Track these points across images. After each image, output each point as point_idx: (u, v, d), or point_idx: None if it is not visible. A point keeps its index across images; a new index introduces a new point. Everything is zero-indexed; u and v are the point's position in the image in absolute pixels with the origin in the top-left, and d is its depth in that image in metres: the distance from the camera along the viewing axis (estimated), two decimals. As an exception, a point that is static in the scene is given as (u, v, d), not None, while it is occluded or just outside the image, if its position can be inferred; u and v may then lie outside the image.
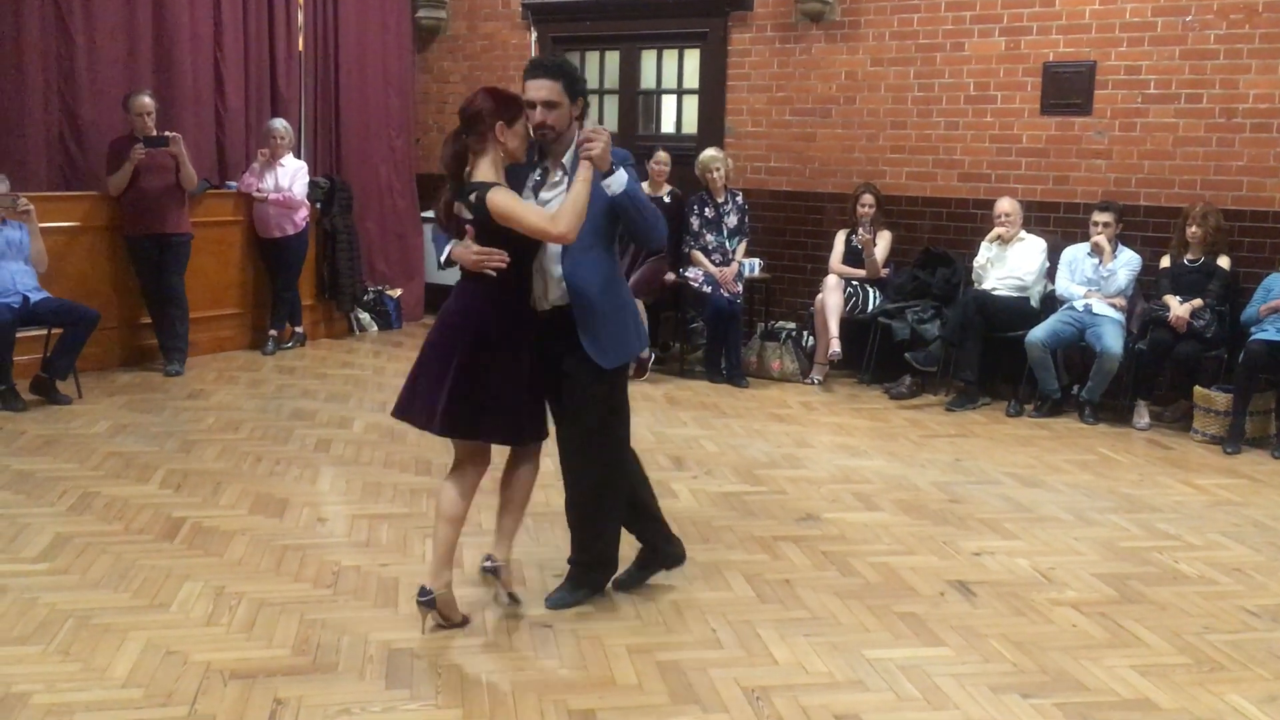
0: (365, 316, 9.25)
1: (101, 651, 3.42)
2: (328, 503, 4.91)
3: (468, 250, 3.44)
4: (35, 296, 6.43)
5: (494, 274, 3.42)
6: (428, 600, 3.59)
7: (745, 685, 3.33)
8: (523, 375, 3.56)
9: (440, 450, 5.75)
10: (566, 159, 3.60)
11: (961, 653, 3.60)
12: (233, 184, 8.19)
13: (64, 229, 7.05)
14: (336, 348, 8.59)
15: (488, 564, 3.80)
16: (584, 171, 3.43)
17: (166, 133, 7.17)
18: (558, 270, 3.57)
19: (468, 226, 3.44)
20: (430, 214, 9.92)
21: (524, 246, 3.46)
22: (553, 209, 3.49)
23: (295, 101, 8.85)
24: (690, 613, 3.84)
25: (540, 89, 3.54)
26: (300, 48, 8.93)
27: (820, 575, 4.23)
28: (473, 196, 3.41)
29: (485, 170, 3.45)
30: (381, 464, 5.52)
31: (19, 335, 6.35)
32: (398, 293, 9.59)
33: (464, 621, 3.67)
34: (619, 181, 3.50)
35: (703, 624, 3.76)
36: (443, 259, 3.56)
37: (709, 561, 4.33)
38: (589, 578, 3.94)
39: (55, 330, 6.53)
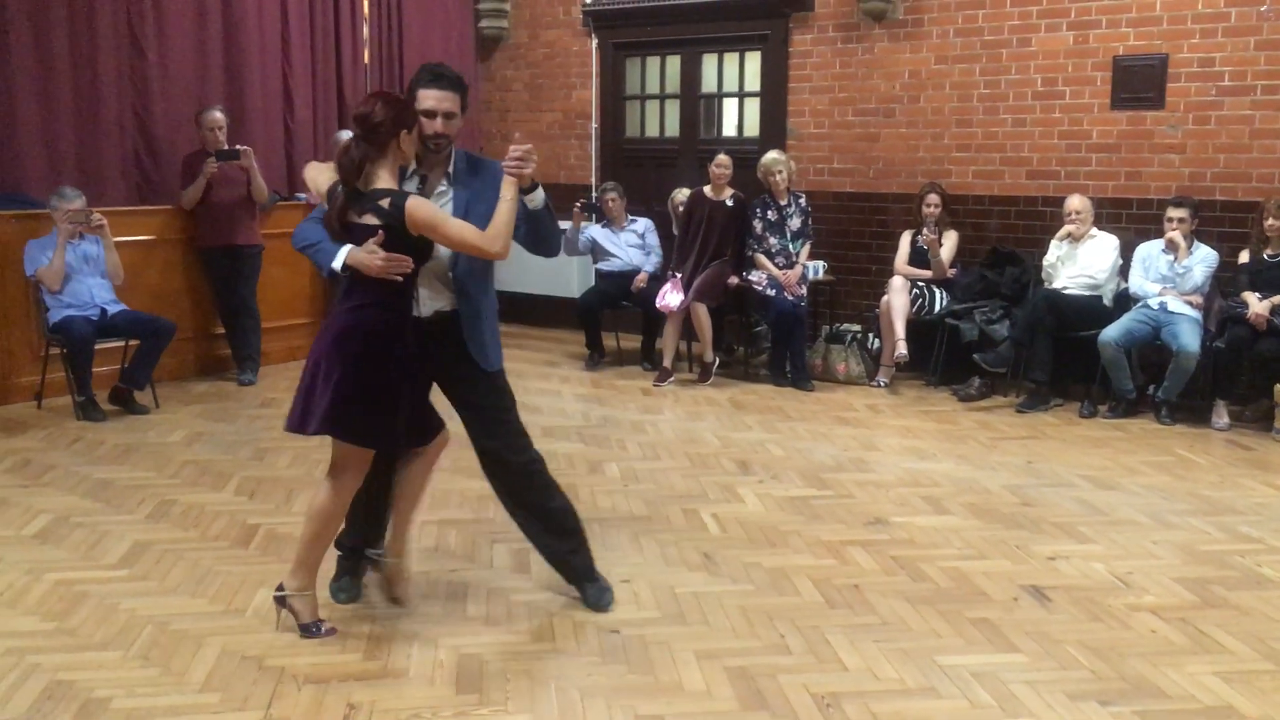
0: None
1: (179, 656, 3.50)
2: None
3: (373, 256, 3.37)
4: (113, 309, 6.59)
5: (400, 279, 3.43)
6: (279, 598, 3.64)
7: (815, 692, 3.30)
8: (408, 381, 3.58)
9: (507, 456, 5.79)
10: (452, 169, 3.66)
11: (1037, 659, 3.54)
12: (302, 196, 8.33)
13: (140, 243, 7.23)
14: (404, 355, 8.67)
15: (372, 552, 3.74)
16: (511, 190, 3.49)
17: (237, 146, 7.31)
18: (449, 276, 3.64)
19: (380, 232, 3.39)
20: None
21: (419, 255, 3.48)
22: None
23: (361, 113, 8.98)
24: (758, 618, 3.82)
25: (445, 100, 3.58)
26: (366, 60, 9.06)
27: (890, 580, 4.18)
28: (386, 203, 3.38)
29: (385, 178, 3.44)
30: (449, 470, 5.55)
31: (98, 347, 6.52)
32: (463, 300, 9.65)
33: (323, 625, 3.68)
34: (540, 197, 3.64)
35: (771, 629, 3.74)
36: (336, 265, 3.43)
37: (776, 566, 4.30)
38: (586, 557, 3.98)
39: (133, 342, 6.70)
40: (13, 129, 6.93)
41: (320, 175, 3.60)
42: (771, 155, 7.82)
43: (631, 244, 8.35)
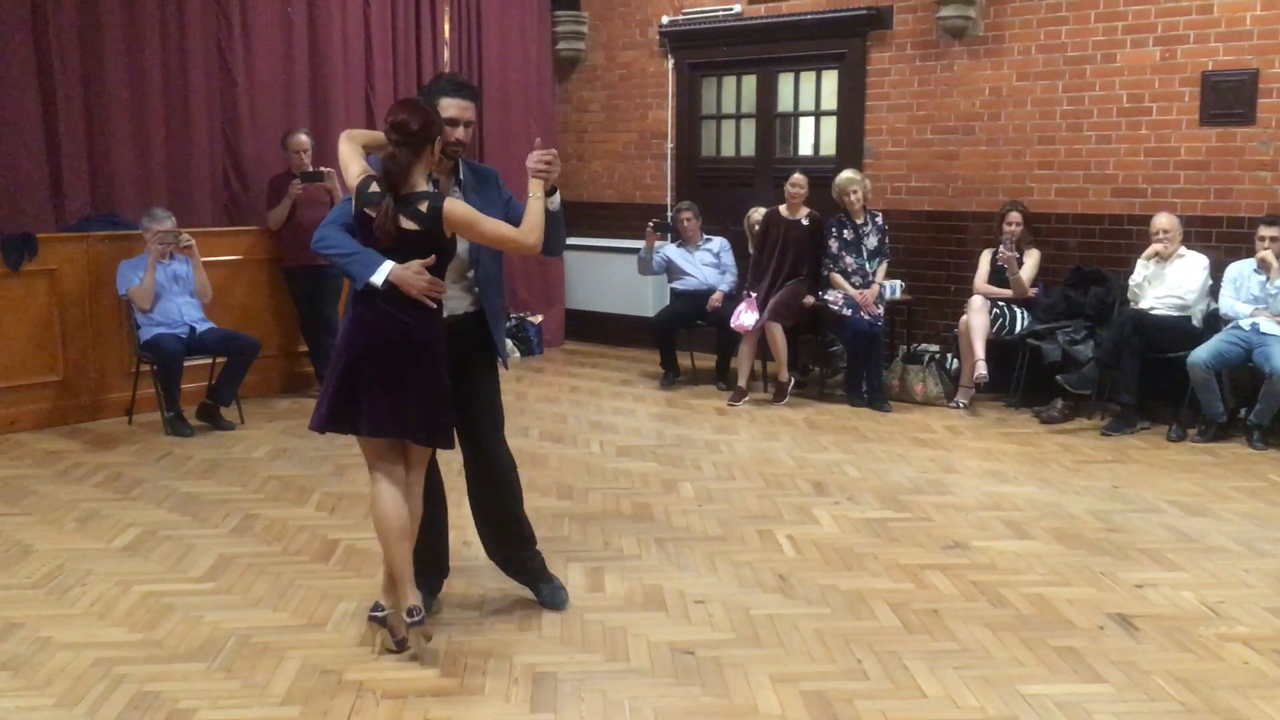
0: (507, 343, 9.43)
1: (261, 669, 3.56)
2: (472, 526, 4.96)
3: (420, 277, 3.49)
4: (201, 327, 6.76)
5: (434, 304, 3.53)
6: (379, 618, 3.66)
7: (893, 719, 3.25)
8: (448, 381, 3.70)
9: (582, 475, 5.82)
10: (461, 176, 3.78)
11: (1123, 690, 3.44)
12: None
13: (227, 262, 7.42)
14: (481, 374, 8.76)
15: (377, 614, 3.66)
16: (538, 189, 3.67)
17: (322, 168, 7.47)
18: (468, 278, 3.81)
19: (432, 255, 3.50)
20: (574, 241, 10.09)
21: (447, 256, 3.59)
22: None
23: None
24: (834, 642, 3.78)
25: (468, 110, 3.72)
26: (445, 83, 9.20)
27: (970, 606, 4.11)
28: (424, 206, 3.49)
29: (420, 182, 3.54)
30: (524, 488, 5.59)
31: (186, 364, 6.69)
32: (539, 319, 9.75)
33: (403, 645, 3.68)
34: (557, 200, 3.79)
35: (848, 654, 3.69)
36: (378, 281, 3.46)
37: (852, 589, 4.25)
38: (540, 559, 4.15)
39: (220, 359, 6.87)
40: (107, 152, 7.16)
41: (352, 164, 3.63)
42: (846, 174, 7.76)
43: (706, 263, 8.35)
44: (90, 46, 7.04)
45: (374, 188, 3.51)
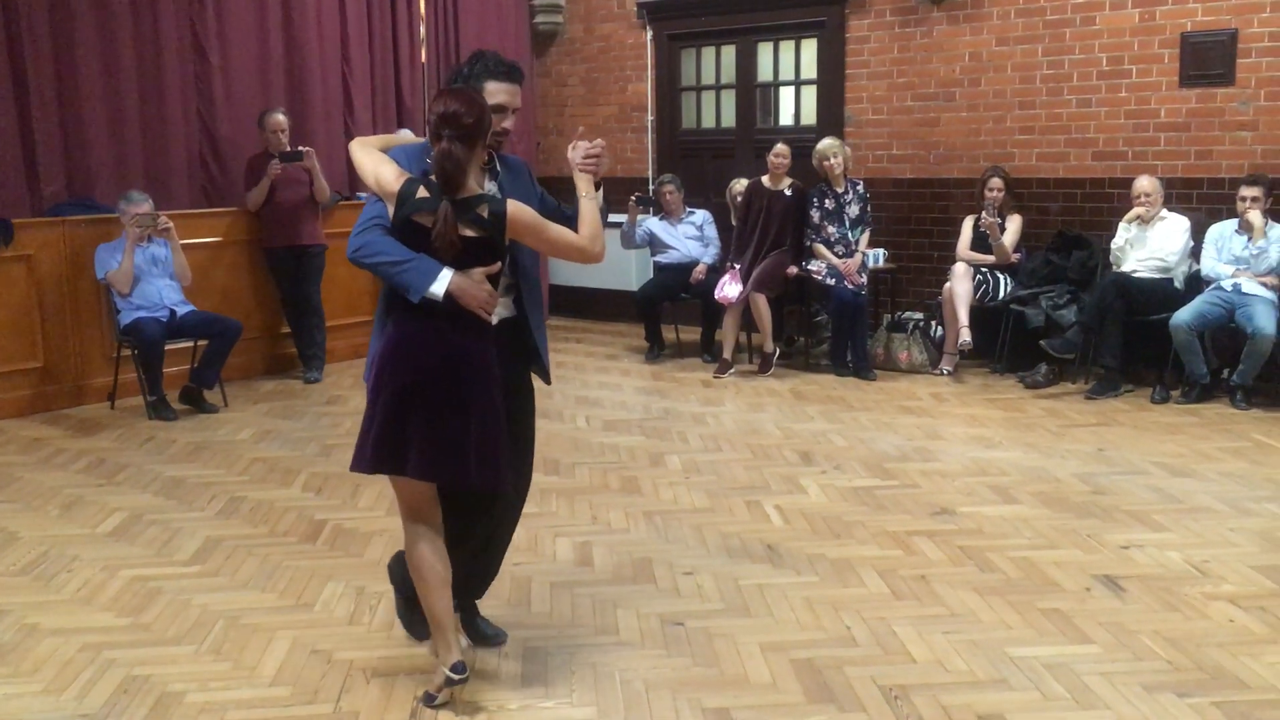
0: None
1: (250, 651, 3.55)
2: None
3: (482, 287, 3.04)
4: (182, 310, 6.71)
5: (488, 315, 3.09)
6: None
7: (883, 684, 3.26)
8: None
9: (569, 450, 5.81)
10: (497, 167, 3.31)
11: (1111, 650, 3.46)
12: (363, 195, 8.40)
13: (207, 244, 7.36)
14: (465, 351, 8.72)
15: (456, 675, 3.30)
16: (589, 187, 3.27)
17: (300, 148, 7.40)
18: (508, 283, 3.30)
19: (497, 263, 3.09)
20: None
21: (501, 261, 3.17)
22: None
23: (419, 112, 9.05)
24: (823, 610, 3.79)
25: (516, 95, 3.27)
26: (423, 59, 9.13)
27: (958, 571, 4.12)
28: (484, 211, 3.03)
29: (472, 183, 3.08)
30: (512, 465, 5.59)
31: (167, 347, 6.64)
32: (523, 295, 9.71)
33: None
34: (600, 196, 3.34)
35: (837, 621, 3.70)
36: (439, 290, 2.98)
37: (841, 558, 4.26)
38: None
39: (201, 342, 6.82)
40: (81, 135, 7.07)
41: (383, 168, 3.10)
42: (826, 142, 7.73)
43: (690, 236, 8.33)
44: (62, 28, 6.93)
45: (421, 193, 3.02)
